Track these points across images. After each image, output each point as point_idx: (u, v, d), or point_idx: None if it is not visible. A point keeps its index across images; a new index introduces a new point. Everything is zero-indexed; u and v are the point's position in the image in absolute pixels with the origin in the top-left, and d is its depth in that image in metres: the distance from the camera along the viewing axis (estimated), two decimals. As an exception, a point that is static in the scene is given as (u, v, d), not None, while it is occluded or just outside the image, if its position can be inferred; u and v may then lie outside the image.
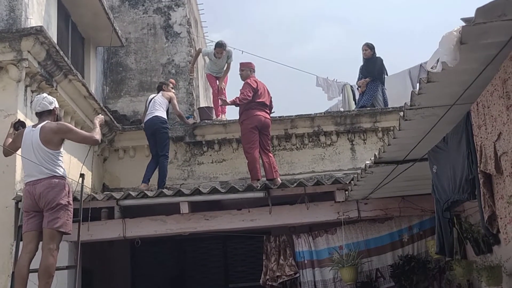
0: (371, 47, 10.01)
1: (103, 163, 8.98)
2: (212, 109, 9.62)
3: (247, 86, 7.89)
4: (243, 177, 8.72)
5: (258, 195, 6.76)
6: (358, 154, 9.06)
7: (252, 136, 7.78)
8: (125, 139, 8.97)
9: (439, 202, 4.66)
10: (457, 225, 5.88)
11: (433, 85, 3.30)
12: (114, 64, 9.92)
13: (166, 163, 8.01)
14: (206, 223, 6.86)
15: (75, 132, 5.57)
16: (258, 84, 7.99)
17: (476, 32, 2.72)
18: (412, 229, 7.12)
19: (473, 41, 2.78)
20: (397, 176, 5.39)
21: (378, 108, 9.38)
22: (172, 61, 9.85)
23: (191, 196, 6.69)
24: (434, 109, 3.75)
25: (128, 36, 10.01)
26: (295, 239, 7.24)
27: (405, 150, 4.69)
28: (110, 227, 6.80)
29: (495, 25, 2.65)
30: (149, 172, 7.94)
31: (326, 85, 13.44)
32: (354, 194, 6.50)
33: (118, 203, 6.69)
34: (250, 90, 7.83)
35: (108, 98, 9.69)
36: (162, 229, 6.85)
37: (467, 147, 3.76)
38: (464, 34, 2.72)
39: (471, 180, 3.77)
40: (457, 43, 2.73)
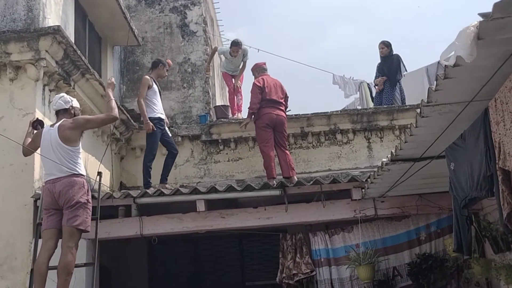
0: (388, 45, 9.96)
1: (120, 162, 9.05)
2: (228, 108, 9.64)
3: (253, 88, 7.93)
4: (259, 175, 8.73)
5: (274, 193, 6.76)
6: (375, 152, 9.02)
7: (265, 135, 7.78)
8: (142, 138, 8.98)
9: (457, 199, 4.63)
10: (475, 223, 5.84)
11: (450, 81, 3.27)
12: (131, 63, 9.98)
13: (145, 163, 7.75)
14: (222, 221, 6.87)
15: (92, 120, 5.65)
16: (266, 81, 7.98)
17: (494, 27, 2.69)
18: (429, 227, 7.07)
19: (490, 37, 2.75)
20: (414, 174, 5.36)
21: (395, 105, 9.33)
22: (188, 59, 9.88)
23: (208, 194, 6.71)
24: (451, 105, 3.72)
25: (144, 35, 10.07)
26: (312, 237, 7.23)
27: (422, 148, 4.66)
28: (127, 225, 6.84)
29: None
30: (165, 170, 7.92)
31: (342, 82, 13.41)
32: (370, 192, 6.48)
33: (135, 201, 6.73)
34: (257, 91, 7.86)
35: (125, 97, 9.75)
36: (179, 227, 6.87)
37: (485, 144, 3.72)
38: (481, 30, 2.70)
39: (489, 177, 3.73)
40: (474, 38, 2.71)
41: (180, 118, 9.44)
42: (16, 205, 6.20)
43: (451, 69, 3.09)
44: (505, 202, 3.51)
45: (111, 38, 9.43)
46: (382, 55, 10.00)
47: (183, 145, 9.03)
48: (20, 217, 6.19)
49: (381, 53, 9.99)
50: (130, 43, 9.39)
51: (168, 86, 9.69)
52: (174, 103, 9.56)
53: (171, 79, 9.73)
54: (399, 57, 9.99)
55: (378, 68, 10.12)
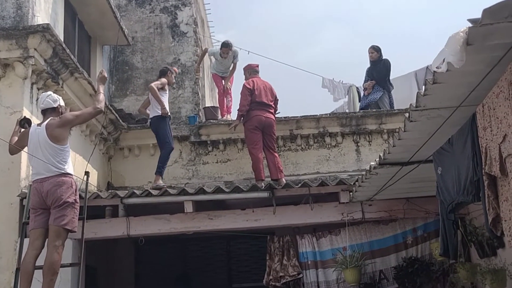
0: (378, 50, 10.00)
1: (108, 162, 9.00)
2: (217, 109, 9.63)
3: (243, 90, 7.94)
4: (248, 177, 8.73)
5: (263, 195, 6.77)
6: (363, 156, 9.05)
7: (253, 137, 7.79)
8: (130, 138, 8.99)
9: (444, 204, 4.66)
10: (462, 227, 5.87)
11: (438, 87, 3.29)
12: (120, 63, 9.94)
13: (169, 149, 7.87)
14: (210, 222, 6.87)
15: (80, 115, 5.60)
16: (256, 83, 8.00)
17: (483, 33, 2.71)
18: (416, 231, 7.11)
19: (479, 42, 2.77)
20: (402, 178, 5.38)
21: (383, 109, 9.37)
22: (178, 60, 9.86)
23: (196, 195, 6.70)
24: (439, 110, 3.74)
25: (134, 35, 10.03)
26: (299, 240, 7.24)
27: (410, 152, 4.69)
28: (114, 225, 6.82)
29: (502, 26, 2.64)
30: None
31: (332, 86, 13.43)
32: (358, 196, 6.50)
33: (122, 202, 6.71)
34: (246, 93, 7.87)
35: (114, 96, 9.71)
36: (166, 228, 6.86)
37: (472, 149, 3.75)
38: (470, 35, 2.72)
39: (475, 182, 3.76)
40: (463, 44, 2.73)
41: (169, 118, 9.39)
42: (2, 204, 6.15)
43: (440, 74, 3.11)
44: (491, 207, 3.54)
45: (100, 37, 9.38)
46: (371, 59, 10.04)
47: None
48: (6, 216, 6.13)
49: (371, 58, 10.04)
50: (120, 42, 9.35)
51: (158, 87, 9.65)
52: (163, 103, 9.51)
53: (161, 80, 9.68)
54: (388, 62, 10.04)
55: (368, 72, 10.16)
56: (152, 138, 8.90)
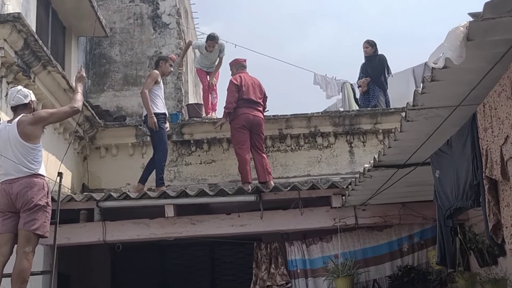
0: (373, 44, 10.05)
1: (83, 162, 8.95)
2: (201, 106, 9.61)
3: (230, 86, 7.95)
4: (233, 179, 8.72)
5: (249, 199, 6.77)
6: (357, 157, 9.08)
7: (241, 136, 7.79)
8: (107, 137, 8.94)
9: (442, 209, 4.68)
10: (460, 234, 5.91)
11: (437, 84, 3.31)
12: (97, 55, 9.89)
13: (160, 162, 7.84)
14: (192, 227, 6.87)
15: (55, 113, 5.55)
16: (244, 79, 8.01)
17: (484, 28, 2.73)
18: (412, 238, 7.15)
19: (480, 38, 2.79)
20: (398, 181, 5.41)
21: (379, 108, 9.41)
22: (159, 53, 9.81)
23: (177, 199, 6.70)
24: (438, 110, 3.76)
25: (112, 26, 9.98)
26: (288, 247, 7.25)
27: (407, 154, 4.71)
28: (89, 230, 6.79)
29: (504, 21, 2.66)
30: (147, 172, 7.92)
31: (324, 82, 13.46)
32: (351, 200, 6.52)
33: (98, 205, 6.69)
34: (233, 89, 7.87)
35: (90, 92, 9.66)
36: (145, 233, 6.86)
37: (472, 151, 3.77)
38: (471, 30, 2.73)
39: (475, 186, 3.78)
40: (463, 39, 2.74)
41: (149, 116, 9.35)
42: (-33, 207, 6.07)
43: (438, 71, 3.13)
44: (491, 212, 3.56)
45: (76, 28, 9.32)
46: (366, 55, 10.08)
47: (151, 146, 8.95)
48: (-28, 220, 6.06)
49: (365, 53, 10.08)
50: (97, 34, 9.29)
51: (137, 82, 9.63)
52: (144, 100, 9.47)
53: (141, 74, 9.66)
54: (384, 57, 10.08)
55: (362, 68, 10.20)
56: (131, 137, 8.89)
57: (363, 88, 9.97)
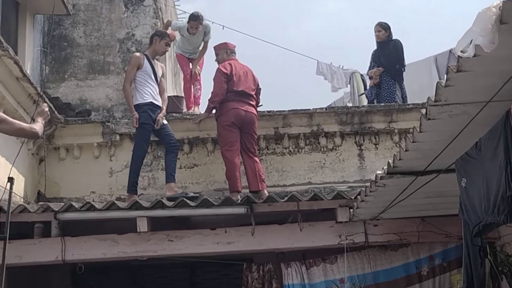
0: (386, 28, 10.07)
1: (39, 165, 8.91)
2: (182, 100, 9.59)
3: (217, 75, 7.96)
4: (219, 187, 8.71)
5: (238, 211, 6.77)
6: (368, 162, 9.09)
7: (229, 136, 7.79)
8: (68, 135, 8.90)
9: (468, 225, 4.69)
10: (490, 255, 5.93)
11: (464, 76, 3.31)
12: (57, 37, 9.84)
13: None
14: (169, 245, 6.87)
15: (10, 123, 5.51)
16: (235, 67, 8.01)
17: (521, 9, 2.74)
18: (433, 259, 7.18)
19: (516, 21, 2.80)
20: (416, 191, 5.42)
21: (394, 104, 9.42)
22: (132, 36, 9.80)
23: (152, 210, 6.70)
24: (465, 106, 3.77)
25: (76, 3, 9.94)
26: (284, 269, 7.24)
27: (427, 158, 4.72)
28: (45, 248, 6.78)
29: (545, 0, 2.67)
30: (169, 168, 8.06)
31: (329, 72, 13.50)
32: (360, 213, 6.52)
33: (56, 217, 6.67)
34: (222, 79, 7.86)
35: (48, 81, 9.61)
36: (113, 251, 6.84)
37: (505, 156, 3.78)
38: (505, 11, 2.74)
39: (509, 198, 3.79)
40: (495, 22, 2.75)
41: (119, 110, 9.34)
42: None
43: (465, 60, 3.13)
44: (528, 230, 3.57)
45: (32, 4, 9.28)
46: (378, 40, 10.10)
47: (121, 146, 8.94)
48: None
49: (378, 38, 10.10)
50: (57, 11, 9.25)
51: (105, 69, 9.59)
52: (112, 91, 9.46)
53: (109, 60, 9.62)
54: (400, 43, 10.10)
55: (374, 56, 10.22)
56: (97, 136, 8.86)
57: (375, 80, 9.99)
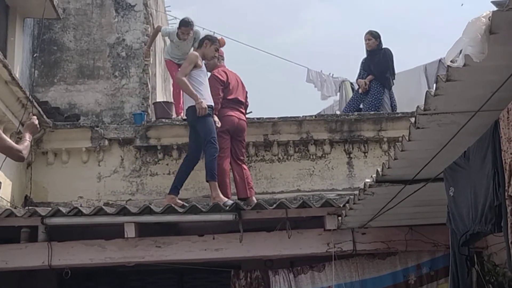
0: (376, 36, 10.12)
1: (27, 169, 8.87)
2: (171, 105, 9.58)
3: (213, 83, 7.94)
4: (208, 194, 8.68)
5: (227, 218, 6.76)
6: (357, 170, 9.10)
7: (222, 143, 7.80)
8: (57, 139, 8.87)
9: (456, 234, 4.70)
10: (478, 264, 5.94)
11: (453, 85, 3.32)
12: (47, 41, 9.82)
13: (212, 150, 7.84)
14: (157, 251, 6.86)
15: (1, 137, 5.44)
16: (229, 75, 8.05)
17: (510, 20, 2.75)
18: (421, 268, 7.19)
19: (505, 31, 2.81)
20: (405, 200, 5.43)
21: (384, 112, 9.45)
22: (122, 41, 9.79)
23: (139, 216, 6.68)
24: (454, 115, 3.78)
25: (66, 7, 9.92)
26: (272, 276, 7.23)
27: (416, 167, 4.72)
28: (31, 253, 6.74)
29: (534, 11, 2.68)
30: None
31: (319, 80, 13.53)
32: (349, 221, 6.52)
33: (43, 222, 6.63)
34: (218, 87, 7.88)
35: (37, 85, 9.57)
36: (100, 257, 6.82)
37: (493, 166, 3.79)
38: (494, 22, 2.75)
39: (496, 207, 3.79)
40: (485, 32, 2.76)
41: (108, 115, 9.32)
42: None
43: (455, 70, 3.14)
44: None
45: (22, 7, 9.26)
46: (368, 48, 10.14)
47: (110, 151, 8.93)
48: None
49: (368, 46, 10.14)
50: (47, 15, 9.23)
51: (95, 74, 9.57)
52: (102, 95, 9.45)
53: (99, 65, 9.61)
54: (390, 52, 10.14)
55: (363, 64, 10.25)
56: (85, 141, 8.83)
57: (363, 88, 10.02)
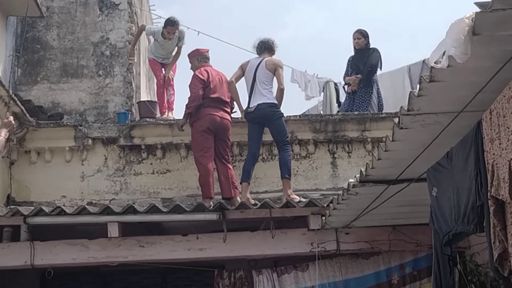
0: (365, 35, 10.12)
1: (9, 168, 8.81)
2: (155, 104, 9.56)
3: (194, 81, 7.97)
4: (192, 193, 8.68)
5: (210, 218, 6.75)
6: (341, 170, 9.11)
7: (204, 142, 7.79)
8: (40, 138, 8.82)
9: (438, 234, 4.72)
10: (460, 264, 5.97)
11: (436, 86, 3.34)
12: (30, 39, 9.75)
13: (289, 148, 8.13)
14: (141, 251, 6.85)
15: None
16: (210, 74, 8.04)
17: (493, 21, 2.76)
18: (404, 267, 7.21)
19: (488, 32, 2.83)
20: (388, 200, 5.44)
21: (367, 113, 9.47)
22: (106, 39, 9.74)
23: (123, 216, 6.66)
24: (437, 116, 3.80)
25: (50, 5, 9.86)
26: (255, 276, 7.24)
27: (399, 167, 4.74)
28: (13, 252, 6.72)
29: (516, 13, 2.70)
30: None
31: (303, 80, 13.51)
32: (332, 221, 6.54)
33: (26, 221, 6.61)
34: (199, 85, 7.87)
35: (20, 83, 9.51)
36: (83, 256, 6.80)
37: (475, 166, 3.81)
38: (477, 23, 2.77)
39: (478, 207, 3.81)
40: (468, 33, 2.77)
41: (92, 115, 9.28)
42: None
43: (438, 71, 3.15)
44: (497, 239, 3.59)
45: (5, 5, 9.19)
46: (357, 47, 10.13)
47: (94, 151, 8.88)
48: None
49: (356, 45, 10.13)
50: (30, 13, 9.17)
51: (79, 73, 9.51)
52: (85, 94, 9.39)
53: (83, 64, 9.55)
54: (379, 52, 10.16)
55: (351, 62, 10.24)
56: (69, 140, 8.79)
57: (353, 87, 10.01)
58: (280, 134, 8.02)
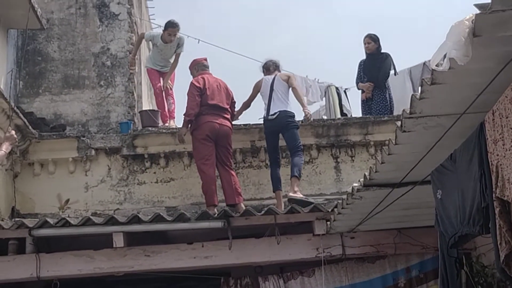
0: (376, 39, 10.13)
1: (13, 181, 8.82)
2: (157, 113, 9.56)
3: (190, 89, 8.01)
4: (196, 201, 8.69)
5: (215, 225, 6.75)
6: (344, 175, 9.11)
7: (204, 150, 7.80)
8: (43, 150, 8.83)
9: (444, 236, 4.71)
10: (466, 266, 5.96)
11: (438, 88, 3.34)
12: (31, 52, 9.77)
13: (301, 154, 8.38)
14: (146, 260, 6.84)
15: None
16: (207, 81, 8.06)
17: (493, 22, 2.76)
18: (410, 271, 7.20)
19: (489, 33, 2.83)
20: (393, 203, 5.43)
21: (370, 116, 9.46)
22: (107, 50, 9.76)
23: (128, 225, 6.66)
24: (439, 118, 3.79)
25: (50, 17, 9.89)
26: (262, 283, 7.23)
27: (403, 170, 4.73)
28: (19, 264, 6.71)
29: (517, 14, 2.70)
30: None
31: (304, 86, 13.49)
32: (337, 226, 6.53)
33: (31, 233, 6.60)
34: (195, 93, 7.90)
35: (22, 96, 9.53)
36: (89, 267, 6.79)
37: (479, 168, 3.80)
38: (478, 24, 2.76)
39: (484, 209, 3.81)
40: (469, 35, 2.77)
41: (94, 125, 9.29)
42: None
43: (439, 73, 3.15)
44: (503, 240, 3.58)
45: (5, 18, 9.22)
46: (368, 51, 10.13)
47: (97, 161, 8.90)
48: None
49: (367, 49, 10.13)
50: (31, 26, 9.19)
51: (80, 84, 9.53)
52: (87, 105, 9.41)
53: (84, 75, 9.57)
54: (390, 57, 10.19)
55: (362, 67, 10.23)
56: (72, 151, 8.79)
57: (367, 94, 10.02)
58: (294, 142, 8.22)
